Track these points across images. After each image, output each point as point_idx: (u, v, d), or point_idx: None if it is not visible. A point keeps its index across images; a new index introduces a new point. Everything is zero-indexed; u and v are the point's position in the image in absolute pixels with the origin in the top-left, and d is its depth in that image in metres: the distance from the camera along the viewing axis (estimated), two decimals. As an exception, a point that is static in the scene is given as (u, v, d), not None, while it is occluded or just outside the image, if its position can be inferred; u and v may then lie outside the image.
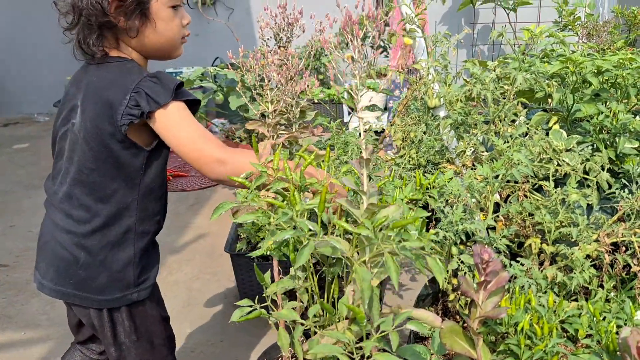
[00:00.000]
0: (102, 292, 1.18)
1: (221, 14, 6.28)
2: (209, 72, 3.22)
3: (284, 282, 0.95)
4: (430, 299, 1.73)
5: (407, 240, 0.81)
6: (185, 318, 2.36)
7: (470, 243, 1.52)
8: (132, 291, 1.20)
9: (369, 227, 0.81)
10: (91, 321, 1.24)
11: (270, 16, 1.62)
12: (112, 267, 1.18)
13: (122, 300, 1.19)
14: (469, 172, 1.39)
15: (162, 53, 1.20)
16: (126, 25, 1.09)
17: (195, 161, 1.10)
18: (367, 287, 0.81)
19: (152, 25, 1.12)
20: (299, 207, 0.85)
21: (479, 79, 1.53)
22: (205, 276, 2.71)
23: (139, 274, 1.21)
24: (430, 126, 1.67)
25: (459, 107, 1.59)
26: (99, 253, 1.16)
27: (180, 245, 3.08)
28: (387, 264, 0.80)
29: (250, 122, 1.27)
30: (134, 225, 1.18)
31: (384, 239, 0.81)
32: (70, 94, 1.17)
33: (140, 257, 1.21)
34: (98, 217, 1.15)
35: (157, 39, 1.14)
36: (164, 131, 1.10)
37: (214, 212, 0.93)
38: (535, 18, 5.62)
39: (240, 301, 0.91)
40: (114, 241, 1.17)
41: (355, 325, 0.83)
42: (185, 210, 3.59)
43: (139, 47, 1.15)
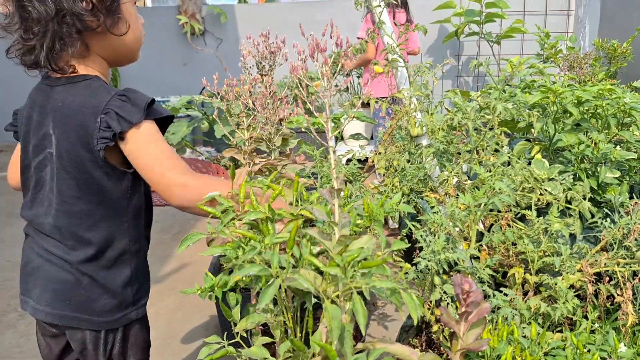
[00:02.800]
0: (103, 313, 1.14)
1: (210, 44, 6.34)
2: (195, 101, 3.22)
3: (254, 317, 0.91)
4: (414, 330, 1.69)
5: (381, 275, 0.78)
6: (166, 350, 2.29)
7: (454, 272, 1.50)
8: (131, 310, 1.17)
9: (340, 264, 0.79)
10: (83, 345, 1.19)
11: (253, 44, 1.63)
12: (112, 289, 1.14)
13: (121, 321, 1.16)
14: (451, 201, 1.38)
15: (131, 55, 1.16)
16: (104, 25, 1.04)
17: (156, 184, 1.07)
18: (337, 326, 0.78)
19: (125, 24, 1.08)
20: (268, 241, 0.82)
21: (460, 108, 1.54)
22: (187, 307, 2.65)
23: (136, 292, 1.18)
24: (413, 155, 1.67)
25: (441, 135, 1.59)
26: (97, 276, 1.13)
27: (162, 275, 3.02)
28: (355, 306, 0.77)
29: (227, 150, 1.26)
30: (128, 246, 1.15)
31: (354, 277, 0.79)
32: (34, 120, 1.11)
33: (137, 275, 1.18)
34: (91, 245, 1.11)
35: (129, 38, 1.11)
36: (132, 152, 1.06)
37: (181, 244, 0.90)
38: (519, 50, 5.74)
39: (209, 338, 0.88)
40: (110, 264, 1.14)
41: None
42: (169, 239, 3.54)
43: (109, 52, 1.10)
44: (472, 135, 1.59)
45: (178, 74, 6.49)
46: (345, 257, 0.76)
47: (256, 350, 0.82)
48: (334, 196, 0.81)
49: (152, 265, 3.12)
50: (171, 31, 6.38)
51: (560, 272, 1.51)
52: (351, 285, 0.76)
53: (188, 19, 6.09)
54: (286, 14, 6.17)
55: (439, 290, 1.40)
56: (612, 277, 1.50)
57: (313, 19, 6.02)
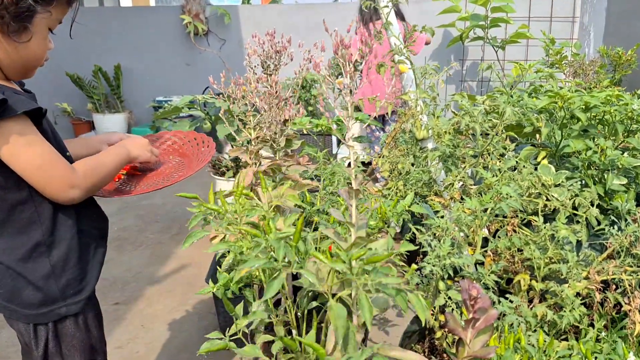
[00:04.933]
0: (29, 305, 1.11)
1: (213, 45, 6.32)
2: (198, 100, 3.20)
3: (257, 314, 0.89)
4: (416, 336, 1.67)
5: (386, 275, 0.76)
6: (164, 351, 2.26)
7: (458, 278, 1.48)
8: (60, 305, 1.13)
9: (345, 261, 0.77)
10: (22, 337, 1.18)
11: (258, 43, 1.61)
12: (33, 281, 1.10)
13: (49, 315, 1.12)
14: (457, 205, 1.36)
15: (23, 70, 1.11)
16: (6, 27, 1.00)
17: (44, 188, 1.04)
18: (342, 325, 0.76)
19: (28, 36, 1.04)
20: (273, 236, 0.80)
21: (467, 111, 1.52)
22: (186, 307, 2.62)
23: (64, 287, 1.13)
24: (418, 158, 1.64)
25: (447, 139, 1.56)
26: (17, 267, 1.09)
27: (161, 275, 2.99)
28: (361, 302, 0.75)
29: (233, 149, 1.23)
30: (42, 238, 1.10)
31: (359, 274, 0.77)
32: None
33: (63, 268, 1.12)
34: (3, 237, 1.08)
35: (27, 51, 1.06)
36: (2, 156, 1.01)
37: (185, 241, 0.88)
38: (523, 56, 5.72)
39: (211, 333, 0.86)
40: (26, 256, 1.10)
41: (333, 366, 0.77)
42: (168, 239, 3.52)
43: (4, 58, 1.06)
44: (478, 139, 1.57)
45: (181, 74, 6.47)
46: (351, 254, 0.74)
47: (249, 349, 0.80)
48: (351, 196, 0.78)
49: (150, 267, 3.10)
50: (174, 31, 6.37)
51: (566, 279, 1.49)
52: (358, 282, 0.74)
53: (192, 19, 6.08)
54: (290, 16, 6.15)
55: (444, 296, 1.37)
56: (619, 285, 1.48)
57: (316, 21, 6.00)
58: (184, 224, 3.78)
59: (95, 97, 6.32)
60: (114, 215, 3.96)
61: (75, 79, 6.24)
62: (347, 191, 0.83)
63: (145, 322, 2.49)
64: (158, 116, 3.35)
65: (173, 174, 1.39)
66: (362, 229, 0.84)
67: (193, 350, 2.28)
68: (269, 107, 1.16)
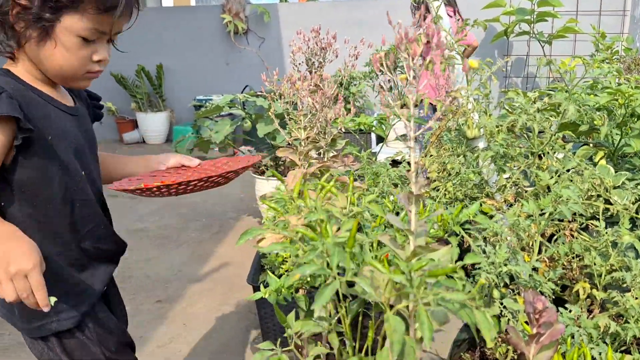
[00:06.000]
0: (21, 319, 1.10)
1: (252, 43, 6.34)
2: (238, 99, 3.19)
3: (308, 325, 0.85)
4: (466, 344, 1.60)
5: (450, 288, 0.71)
6: (205, 351, 2.26)
7: (513, 286, 1.40)
8: (51, 320, 1.10)
9: (405, 272, 0.72)
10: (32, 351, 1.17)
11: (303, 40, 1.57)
12: None
13: (41, 330, 1.10)
14: (513, 209, 1.29)
15: (60, 78, 1.09)
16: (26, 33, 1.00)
17: None
18: (398, 340, 0.71)
19: (52, 46, 1.01)
20: (330, 241, 0.76)
21: (523, 109, 1.44)
22: (227, 308, 2.62)
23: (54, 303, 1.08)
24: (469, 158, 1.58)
25: (500, 138, 1.49)
26: None
27: (201, 275, 3.00)
28: (420, 318, 0.70)
29: (281, 149, 1.20)
30: None
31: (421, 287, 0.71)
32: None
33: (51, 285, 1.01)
34: None
35: (52, 61, 1.04)
36: None
37: (240, 238, 0.85)
38: (570, 51, 5.51)
39: (262, 344, 0.82)
40: None
41: (396, 383, 0.72)
42: (209, 238, 3.53)
43: (36, 60, 1.05)
44: (534, 138, 1.49)
45: (221, 72, 6.52)
46: (411, 265, 0.69)
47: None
48: (411, 202, 0.73)
49: (190, 266, 3.11)
50: (215, 30, 6.42)
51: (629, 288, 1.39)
52: (417, 295, 0.69)
53: (232, 18, 6.11)
54: (328, 13, 6.11)
55: (498, 305, 1.30)
56: (689, 296, 1.38)
57: (355, 17, 5.94)
58: (224, 223, 3.79)
59: (138, 96, 6.44)
60: (155, 214, 4.01)
61: (119, 78, 6.37)
62: (406, 196, 0.78)
63: (187, 321, 2.49)
64: (200, 115, 3.36)
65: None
66: (421, 237, 0.79)
67: (234, 351, 2.27)
68: (321, 106, 1.12)
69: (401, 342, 0.71)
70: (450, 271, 0.69)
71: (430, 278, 0.69)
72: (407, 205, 0.78)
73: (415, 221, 0.77)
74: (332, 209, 0.89)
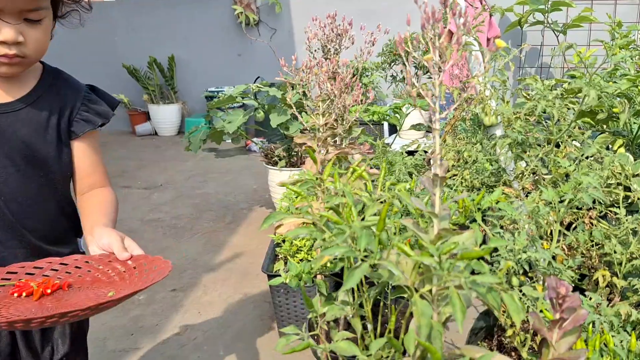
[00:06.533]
0: None
1: (264, 35, 6.32)
2: (251, 89, 3.19)
3: (333, 309, 0.85)
4: (483, 333, 1.59)
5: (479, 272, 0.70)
6: (219, 339, 2.27)
7: (532, 274, 1.39)
8: None
9: (434, 255, 0.71)
10: None
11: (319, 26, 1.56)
12: None
13: None
14: (532, 196, 1.28)
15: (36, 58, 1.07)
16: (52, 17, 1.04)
17: None
18: (426, 324, 0.71)
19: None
20: (358, 224, 0.76)
21: (542, 95, 1.42)
22: (241, 297, 2.63)
23: None
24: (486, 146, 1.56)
25: (518, 125, 1.48)
26: None
27: (215, 264, 3.02)
28: (452, 300, 0.69)
29: (299, 136, 1.19)
30: None
31: (450, 269, 0.71)
32: None
33: None
34: None
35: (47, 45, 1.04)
36: None
37: (264, 222, 0.84)
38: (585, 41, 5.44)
39: (286, 328, 0.82)
40: None
41: (423, 365, 0.72)
42: (222, 228, 3.54)
43: None
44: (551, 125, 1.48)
45: (232, 64, 6.51)
46: (441, 248, 0.69)
47: (345, 345, 0.76)
48: (435, 185, 0.73)
49: (205, 255, 3.13)
50: (226, 22, 6.41)
51: (650, 276, 1.38)
52: (447, 278, 0.68)
53: (243, 9, 6.09)
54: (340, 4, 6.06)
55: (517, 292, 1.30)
56: None
57: (368, 8, 5.90)
58: (237, 213, 3.80)
59: (150, 88, 6.46)
60: (168, 204, 4.03)
61: (131, 70, 6.39)
62: (430, 179, 0.77)
63: (202, 310, 2.51)
64: (212, 105, 3.37)
65: None
66: (445, 221, 0.78)
67: (248, 339, 2.28)
68: (339, 91, 1.11)
69: (429, 326, 0.71)
70: (483, 254, 0.68)
71: (461, 261, 0.68)
72: (430, 189, 0.77)
73: (439, 204, 0.76)
74: (360, 193, 0.89)
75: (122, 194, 4.23)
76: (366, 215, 0.79)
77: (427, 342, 0.66)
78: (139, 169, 4.95)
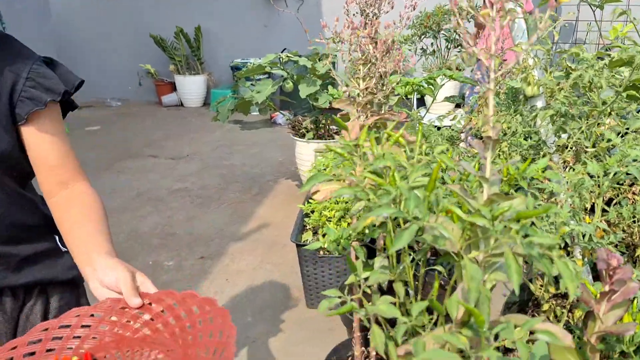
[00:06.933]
0: None
1: (291, 5, 6.24)
2: (280, 59, 3.15)
3: (376, 274, 0.83)
4: (516, 307, 1.57)
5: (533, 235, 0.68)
6: (247, 307, 2.30)
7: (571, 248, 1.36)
8: None
9: (487, 217, 0.69)
10: None
11: (358, -10, 1.52)
12: None
13: None
14: (577, 168, 1.24)
15: None
16: None
17: None
18: (475, 288, 0.69)
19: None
20: (404, 185, 0.74)
21: (590, 64, 1.37)
22: (268, 266, 2.65)
23: None
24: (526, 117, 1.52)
25: (562, 96, 1.43)
26: None
27: (242, 234, 3.04)
28: (508, 261, 0.67)
29: (338, 100, 1.17)
30: None
31: (504, 231, 0.68)
32: None
33: None
34: None
35: None
36: None
37: (306, 183, 0.83)
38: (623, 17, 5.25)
39: (328, 291, 0.81)
40: None
41: (467, 330, 0.71)
42: (249, 199, 3.56)
43: None
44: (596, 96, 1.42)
45: (259, 35, 6.46)
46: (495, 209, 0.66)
47: (386, 308, 0.74)
48: (487, 148, 0.70)
49: (233, 224, 3.15)
50: (253, -8, 6.34)
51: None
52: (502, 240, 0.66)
53: (270, -21, 6.01)
54: (370, -25, 5.94)
55: (556, 266, 1.27)
56: None
57: (398, -21, 5.76)
58: (263, 185, 3.81)
59: (176, 59, 6.45)
60: (195, 174, 4.06)
61: (158, 40, 6.39)
62: (481, 142, 0.74)
63: (230, 277, 2.53)
64: (241, 74, 3.34)
65: None
66: (496, 186, 0.76)
67: (276, 306, 2.30)
68: (381, 54, 1.08)
69: (478, 290, 0.69)
70: (541, 212, 0.66)
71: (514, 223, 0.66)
72: (481, 152, 0.75)
73: (490, 168, 0.73)
74: (399, 157, 0.86)
75: (149, 164, 4.27)
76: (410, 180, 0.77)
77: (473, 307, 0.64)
78: (166, 140, 4.98)
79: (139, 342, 0.78)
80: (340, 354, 1.32)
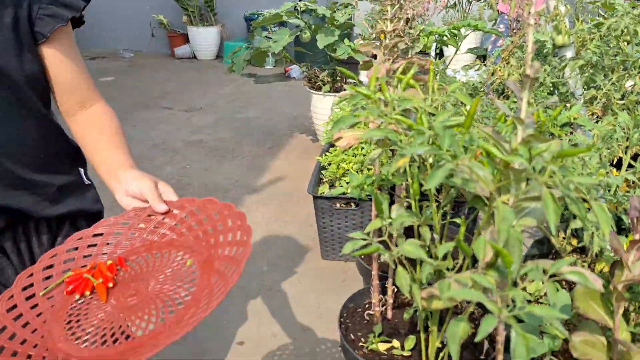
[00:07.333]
0: None
1: (307, -45, 6.05)
2: (299, 7, 3.07)
3: (403, 216, 0.82)
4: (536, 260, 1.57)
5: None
6: (263, 257, 2.32)
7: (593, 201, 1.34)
8: None
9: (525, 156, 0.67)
10: None
11: None
12: None
13: None
14: (607, 119, 1.20)
15: None
16: None
17: None
18: (506, 229, 0.68)
19: None
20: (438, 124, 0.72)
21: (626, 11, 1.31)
22: (284, 218, 2.66)
23: None
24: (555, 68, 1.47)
25: (593, 46, 1.38)
26: None
27: (258, 186, 3.04)
28: (546, 202, 0.66)
29: (363, 44, 1.13)
30: None
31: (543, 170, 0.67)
32: None
33: None
34: None
35: None
36: None
37: (334, 127, 0.81)
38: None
39: (354, 233, 0.81)
40: None
41: (494, 272, 0.70)
42: (264, 152, 3.55)
43: None
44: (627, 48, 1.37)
45: (273, -14, 6.30)
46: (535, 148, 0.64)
47: (411, 249, 0.74)
48: (524, 87, 0.67)
49: (248, 177, 3.16)
50: (268, -60, 6.14)
51: None
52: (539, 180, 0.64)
53: None
54: None
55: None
56: None
57: None
58: (278, 139, 3.79)
59: (189, 9, 6.33)
60: (210, 127, 4.04)
61: (171, -11, 6.26)
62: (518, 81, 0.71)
63: (246, 228, 2.55)
64: (257, 23, 3.27)
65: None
66: (531, 128, 0.73)
67: (292, 257, 2.32)
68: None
69: (508, 231, 0.68)
70: (584, 151, 0.64)
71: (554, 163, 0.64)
72: (517, 92, 0.72)
73: (525, 109, 0.71)
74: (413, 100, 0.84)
75: (164, 115, 4.25)
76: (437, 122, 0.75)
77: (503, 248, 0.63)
78: (180, 92, 4.95)
79: (166, 245, 0.83)
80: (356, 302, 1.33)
